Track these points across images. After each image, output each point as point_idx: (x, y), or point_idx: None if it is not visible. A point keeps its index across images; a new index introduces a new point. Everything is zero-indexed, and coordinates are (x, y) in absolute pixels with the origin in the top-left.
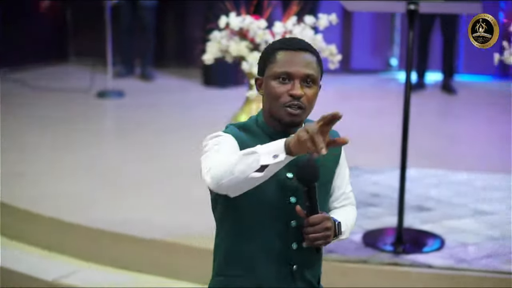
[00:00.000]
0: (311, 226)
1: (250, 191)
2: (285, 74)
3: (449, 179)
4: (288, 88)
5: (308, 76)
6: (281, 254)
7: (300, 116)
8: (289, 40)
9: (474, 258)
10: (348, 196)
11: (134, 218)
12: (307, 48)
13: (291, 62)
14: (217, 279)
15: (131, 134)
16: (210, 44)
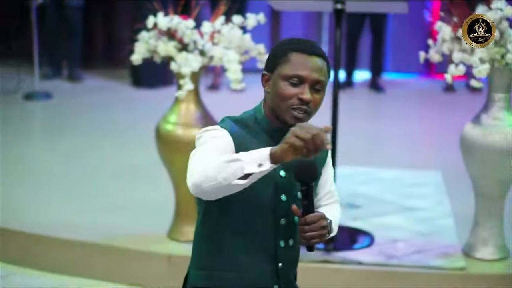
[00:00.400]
0: (307, 224)
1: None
2: (296, 77)
3: (378, 176)
4: (298, 91)
5: (319, 82)
6: (268, 251)
7: (305, 120)
8: (304, 43)
9: (404, 254)
10: (333, 194)
11: (63, 221)
12: (321, 54)
13: (304, 66)
14: (200, 272)
15: (59, 136)
16: (138, 45)
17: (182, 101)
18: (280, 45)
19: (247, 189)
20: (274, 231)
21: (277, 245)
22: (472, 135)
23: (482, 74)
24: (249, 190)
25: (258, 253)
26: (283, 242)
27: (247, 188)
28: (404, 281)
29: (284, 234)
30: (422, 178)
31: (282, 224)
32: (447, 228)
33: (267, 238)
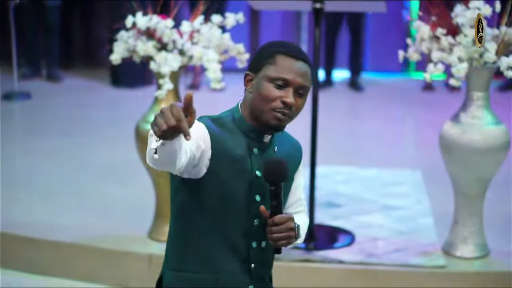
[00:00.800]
0: (275, 225)
1: (216, 185)
2: (282, 80)
3: (358, 175)
4: (282, 94)
5: (303, 86)
6: (241, 251)
7: (286, 122)
8: (291, 46)
9: (384, 252)
10: (302, 203)
11: (42, 221)
12: (306, 59)
13: (290, 69)
14: (174, 273)
15: (38, 137)
16: (117, 44)
17: (161, 101)
18: (268, 47)
19: (222, 186)
20: (247, 232)
21: (249, 245)
22: (451, 134)
23: (460, 73)
24: (224, 187)
25: (231, 253)
26: (255, 243)
27: (222, 185)
28: (384, 280)
29: (257, 235)
30: (402, 177)
31: (256, 225)
32: (427, 226)
33: (240, 239)
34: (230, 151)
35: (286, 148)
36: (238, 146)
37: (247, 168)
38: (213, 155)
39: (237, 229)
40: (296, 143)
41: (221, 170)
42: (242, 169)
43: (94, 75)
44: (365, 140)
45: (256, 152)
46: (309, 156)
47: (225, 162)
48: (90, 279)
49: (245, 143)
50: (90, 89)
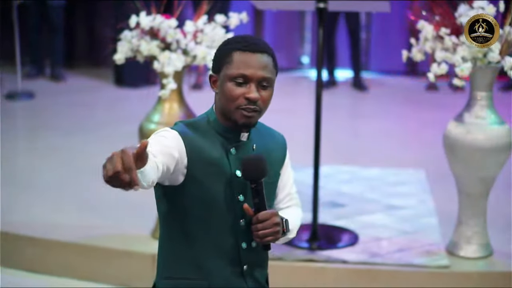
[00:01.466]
0: (260, 222)
1: (196, 191)
2: (241, 77)
3: (361, 175)
4: (244, 90)
5: (265, 79)
6: (231, 254)
7: (255, 118)
8: (246, 41)
9: (388, 252)
10: (292, 197)
11: (45, 221)
12: (264, 50)
13: (247, 64)
14: (165, 282)
15: (41, 136)
16: (121, 44)
17: (165, 101)
18: (224, 45)
19: (203, 191)
20: (234, 233)
21: (239, 247)
22: (455, 133)
23: (464, 73)
24: (205, 192)
25: (221, 257)
26: (245, 244)
27: (203, 190)
28: (388, 280)
29: (245, 235)
30: (406, 177)
31: (242, 225)
32: (431, 226)
33: (228, 241)
34: (206, 155)
35: (266, 144)
36: (213, 148)
37: (226, 169)
38: (189, 162)
39: (225, 232)
40: (278, 136)
41: (199, 175)
42: (220, 171)
43: (98, 74)
44: (369, 139)
45: (234, 152)
46: (313, 156)
47: (201, 166)
48: (93, 278)
49: (221, 144)
50: (94, 89)
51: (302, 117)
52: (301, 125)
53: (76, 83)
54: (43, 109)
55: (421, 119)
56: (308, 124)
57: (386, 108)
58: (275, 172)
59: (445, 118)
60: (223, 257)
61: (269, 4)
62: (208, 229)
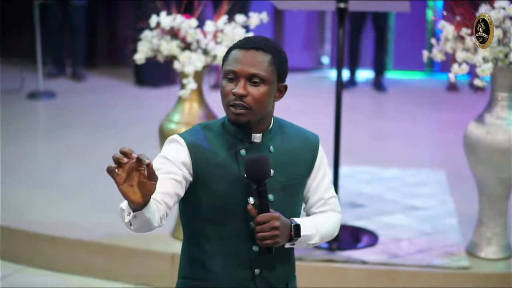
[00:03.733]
0: (259, 224)
1: (205, 195)
2: (231, 73)
3: (381, 176)
4: (233, 86)
5: (254, 75)
6: (242, 257)
7: (245, 115)
8: (245, 39)
9: (407, 253)
10: (328, 203)
11: (66, 220)
12: (260, 47)
13: (237, 60)
14: (182, 281)
15: (62, 135)
16: (141, 44)
17: (185, 100)
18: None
19: (212, 194)
20: (246, 236)
21: (250, 250)
22: (475, 134)
23: (485, 73)
24: (214, 195)
25: (232, 260)
26: (256, 247)
27: (212, 193)
28: (407, 281)
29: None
30: (426, 177)
31: (253, 228)
32: (451, 227)
33: (240, 244)
34: (213, 158)
35: (290, 145)
36: (222, 151)
37: (234, 172)
38: (195, 168)
39: (236, 235)
40: (309, 138)
41: (207, 179)
42: (228, 173)
43: (118, 74)
44: (389, 140)
45: (244, 153)
46: (333, 156)
47: (209, 170)
48: (112, 277)
49: (231, 146)
50: (114, 89)
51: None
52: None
53: (97, 83)
54: (64, 109)
55: (441, 119)
56: (328, 125)
57: (406, 109)
58: (296, 173)
59: (465, 119)
60: (233, 260)
61: (290, 4)
62: (219, 232)
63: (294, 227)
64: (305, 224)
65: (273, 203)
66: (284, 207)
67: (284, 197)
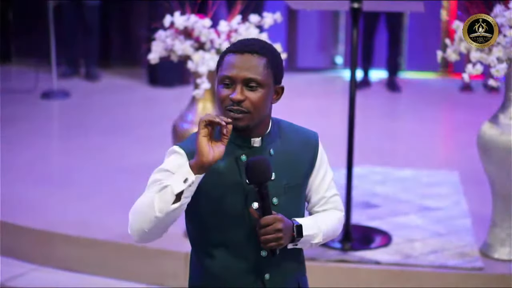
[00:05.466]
0: (262, 227)
1: (208, 200)
2: (227, 78)
3: (395, 176)
4: (230, 92)
5: (250, 79)
6: (252, 262)
7: (243, 120)
8: (239, 42)
9: (421, 253)
10: (329, 201)
11: (80, 219)
12: (255, 50)
13: (232, 65)
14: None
15: (76, 135)
16: (155, 44)
17: (199, 100)
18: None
19: (214, 201)
20: (253, 242)
21: (258, 255)
22: (489, 135)
23: (499, 73)
24: (216, 202)
25: (241, 266)
26: (264, 252)
27: (214, 200)
28: (421, 281)
29: None
30: (439, 178)
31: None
32: (465, 228)
33: (248, 249)
34: (213, 165)
35: (290, 146)
36: (225, 157)
37: (236, 177)
38: None
39: (243, 241)
40: (309, 138)
41: (208, 186)
42: (230, 179)
43: (132, 74)
44: (402, 140)
45: (244, 158)
46: (346, 156)
47: (209, 177)
48: (125, 277)
49: (231, 152)
50: (128, 88)
51: (336, 118)
52: (335, 126)
53: (111, 83)
54: (78, 108)
55: (455, 120)
56: (342, 125)
57: (420, 109)
58: (298, 173)
59: (479, 119)
60: (243, 266)
61: (303, 4)
62: (226, 239)
63: (296, 227)
64: (307, 224)
65: (278, 206)
66: (289, 209)
67: (288, 199)
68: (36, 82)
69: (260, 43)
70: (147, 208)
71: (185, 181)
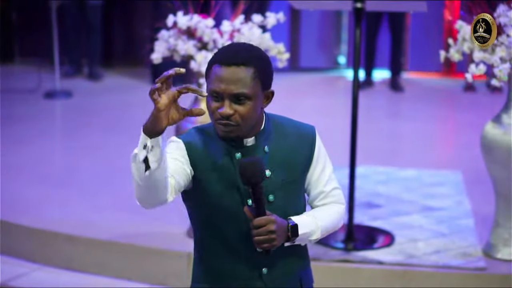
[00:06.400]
0: (255, 228)
1: (205, 196)
2: (215, 92)
3: (398, 176)
4: (219, 105)
5: (237, 94)
6: (249, 257)
7: (234, 132)
8: (224, 52)
9: (424, 253)
10: (329, 195)
11: (82, 219)
12: (242, 62)
13: (220, 80)
14: (194, 285)
15: (79, 135)
16: (158, 43)
17: (201, 100)
18: (211, 57)
19: (210, 197)
20: (249, 237)
21: (255, 250)
22: (492, 135)
23: (502, 73)
24: (212, 198)
25: (238, 262)
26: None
27: (210, 196)
28: (424, 281)
29: None
30: (442, 178)
31: None
32: (467, 228)
33: (244, 246)
34: (210, 161)
35: (287, 143)
36: (218, 154)
37: (231, 175)
38: (193, 169)
39: (239, 237)
40: (306, 132)
41: (204, 182)
42: (226, 177)
43: (135, 74)
44: (405, 140)
45: (239, 156)
46: (349, 156)
47: (206, 173)
48: (128, 276)
49: (226, 150)
50: (131, 88)
51: (338, 117)
52: (337, 126)
53: (114, 82)
54: (81, 108)
55: (458, 120)
56: (345, 125)
57: (423, 109)
58: (294, 169)
59: (482, 119)
60: (240, 262)
61: (306, 4)
62: (223, 234)
63: (291, 228)
64: (305, 222)
65: (274, 203)
66: (286, 204)
67: (285, 195)
68: (39, 82)
69: (246, 52)
70: (133, 178)
71: (145, 147)
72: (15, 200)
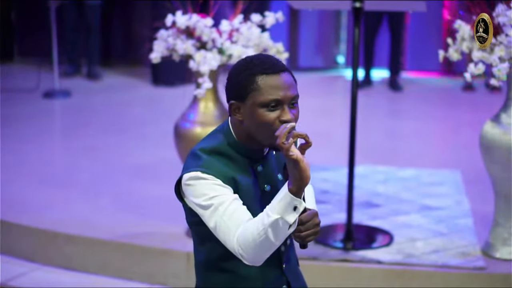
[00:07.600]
0: (302, 224)
1: None
2: (274, 101)
3: (396, 175)
4: (278, 114)
5: (295, 97)
6: (274, 258)
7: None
8: (264, 62)
9: (423, 253)
10: None
11: (82, 218)
12: (285, 68)
13: (277, 88)
14: None
15: (78, 134)
16: (157, 43)
17: (201, 100)
18: (243, 71)
19: None
20: None
21: (279, 250)
22: (491, 134)
23: (501, 73)
24: None
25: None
26: (283, 247)
27: None
28: (422, 281)
29: None
30: (441, 177)
31: None
32: (466, 227)
33: None
34: (238, 180)
35: None
36: (242, 171)
37: (256, 188)
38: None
39: None
40: None
41: None
42: (252, 190)
43: (134, 73)
44: (404, 140)
45: (261, 169)
46: (348, 156)
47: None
48: (129, 276)
49: (247, 165)
50: (130, 88)
51: (337, 117)
52: (336, 125)
53: (113, 82)
54: (80, 108)
55: (457, 119)
56: (343, 124)
57: (422, 109)
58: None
59: (481, 119)
60: (267, 264)
61: (305, 3)
62: None
63: None
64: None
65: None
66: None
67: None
68: (38, 81)
69: (279, 59)
70: (265, 242)
71: (295, 209)
72: (14, 199)
